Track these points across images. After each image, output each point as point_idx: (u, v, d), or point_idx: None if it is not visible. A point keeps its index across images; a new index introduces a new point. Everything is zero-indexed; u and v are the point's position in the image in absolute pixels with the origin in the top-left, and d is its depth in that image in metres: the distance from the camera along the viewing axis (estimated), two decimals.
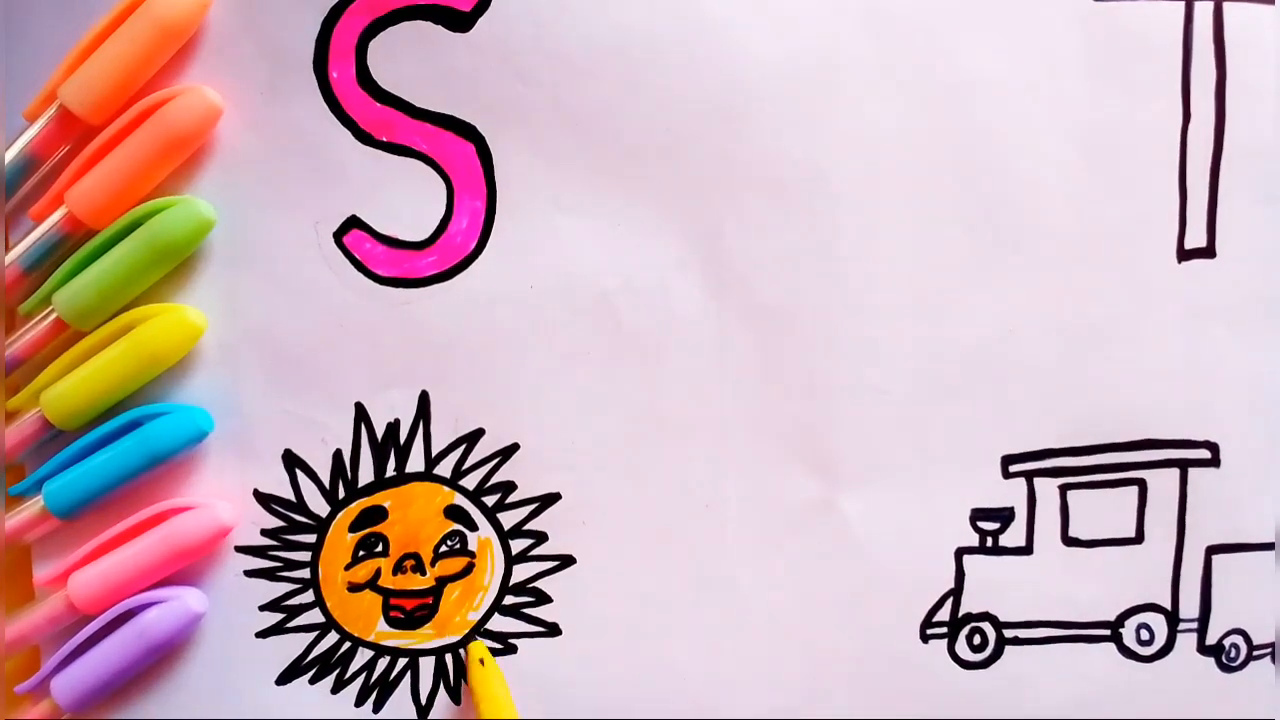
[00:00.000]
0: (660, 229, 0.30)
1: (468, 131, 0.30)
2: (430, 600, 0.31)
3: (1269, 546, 0.32)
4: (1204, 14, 0.30)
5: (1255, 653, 0.32)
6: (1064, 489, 0.32)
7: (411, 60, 0.29)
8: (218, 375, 0.30)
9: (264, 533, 0.30)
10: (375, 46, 0.29)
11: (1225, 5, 0.30)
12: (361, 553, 0.31)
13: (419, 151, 0.30)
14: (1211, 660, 0.33)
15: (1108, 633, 0.32)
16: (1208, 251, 0.31)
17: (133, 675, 0.30)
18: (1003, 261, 0.31)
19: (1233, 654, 0.33)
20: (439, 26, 0.29)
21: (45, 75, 0.29)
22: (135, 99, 0.29)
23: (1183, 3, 0.30)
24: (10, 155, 0.29)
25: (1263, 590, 0.32)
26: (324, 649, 0.31)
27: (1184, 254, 0.31)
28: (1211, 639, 0.32)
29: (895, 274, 0.31)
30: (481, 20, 0.29)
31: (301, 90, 0.29)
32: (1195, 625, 0.32)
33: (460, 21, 0.29)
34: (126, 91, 0.29)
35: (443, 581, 0.31)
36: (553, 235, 0.30)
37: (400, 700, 0.31)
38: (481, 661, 0.31)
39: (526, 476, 0.31)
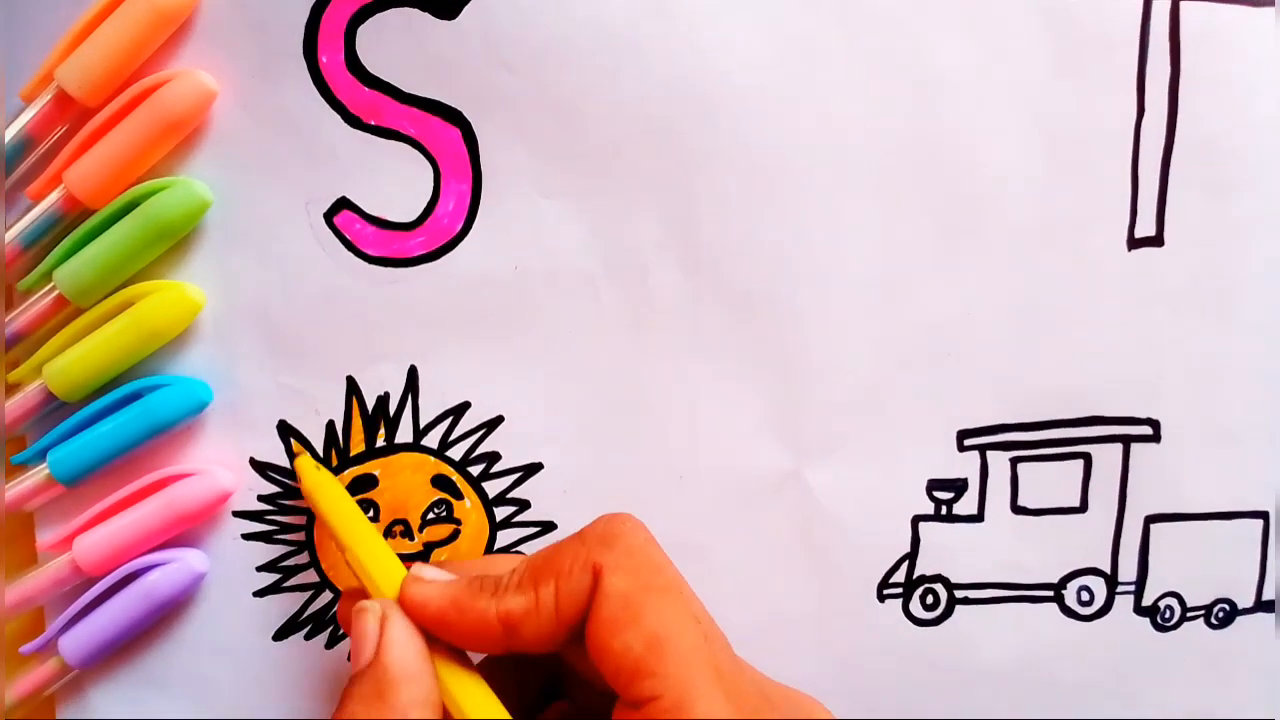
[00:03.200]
0: (639, 214, 0.30)
1: (454, 116, 0.30)
2: None
3: (1204, 516, 0.33)
4: (1161, 11, 0.31)
5: (1188, 614, 0.34)
6: (1014, 461, 0.33)
7: (399, 46, 0.29)
8: (214, 349, 0.30)
9: (261, 498, 0.31)
10: (364, 32, 0.29)
11: (1182, 3, 0.31)
12: None
13: (406, 135, 0.30)
14: (1147, 620, 0.34)
15: (1051, 594, 0.33)
16: (1156, 240, 0.32)
17: (137, 632, 0.31)
18: (962, 247, 0.31)
19: (1167, 615, 0.34)
20: (425, 14, 0.29)
21: (42, 57, 0.29)
22: (130, 81, 0.29)
23: (1140, 0, 0.31)
24: (7, 136, 0.29)
25: (1196, 556, 0.34)
26: (318, 607, 0.32)
27: (1134, 242, 0.32)
28: (1147, 601, 0.34)
29: (861, 259, 0.31)
30: (467, 8, 0.29)
31: (292, 74, 0.29)
32: (1133, 588, 0.34)
33: (446, 9, 0.29)
34: (122, 74, 0.28)
35: (430, 546, 0.32)
36: (536, 218, 0.31)
37: None
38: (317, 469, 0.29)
39: (510, 447, 0.31)
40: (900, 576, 0.33)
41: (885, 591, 0.33)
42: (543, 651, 0.24)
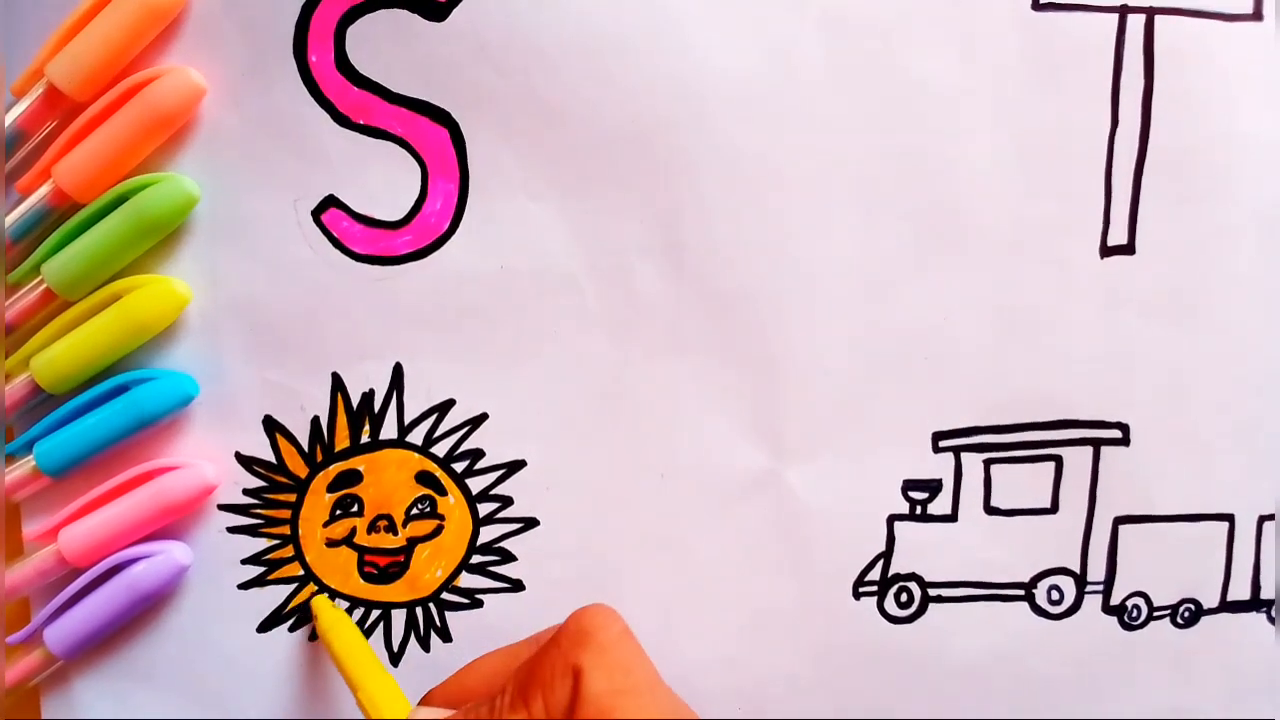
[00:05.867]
0: (624, 215, 0.30)
1: (442, 117, 0.29)
2: (402, 558, 0.31)
3: (1171, 518, 0.33)
4: (1136, 25, 0.31)
5: (1155, 613, 0.34)
6: (988, 463, 0.33)
7: (388, 47, 0.29)
8: (201, 344, 0.30)
9: (246, 492, 0.31)
10: (353, 33, 0.29)
11: (1156, 18, 0.31)
12: (339, 512, 0.31)
13: (395, 135, 0.29)
14: (1114, 619, 0.34)
15: (1022, 593, 0.34)
16: (1128, 249, 0.32)
17: (122, 624, 0.30)
18: (940, 253, 0.31)
19: (1134, 614, 0.34)
20: (415, 15, 0.29)
21: (33, 52, 0.28)
22: (120, 77, 0.28)
23: (1116, 14, 0.31)
24: None
25: (1163, 557, 0.34)
26: (303, 600, 0.31)
27: (1106, 250, 0.32)
28: (1115, 600, 0.34)
29: (841, 262, 0.31)
30: (456, 11, 0.29)
31: (281, 73, 0.29)
32: (1101, 587, 0.34)
33: (436, 11, 0.29)
34: (112, 70, 0.28)
35: (413, 541, 0.31)
36: (522, 218, 0.30)
37: (374, 648, 0.32)
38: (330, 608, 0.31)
39: (494, 444, 0.31)
40: (875, 574, 0.33)
41: (861, 589, 0.33)
42: None
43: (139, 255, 0.29)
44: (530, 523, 0.32)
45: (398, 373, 0.31)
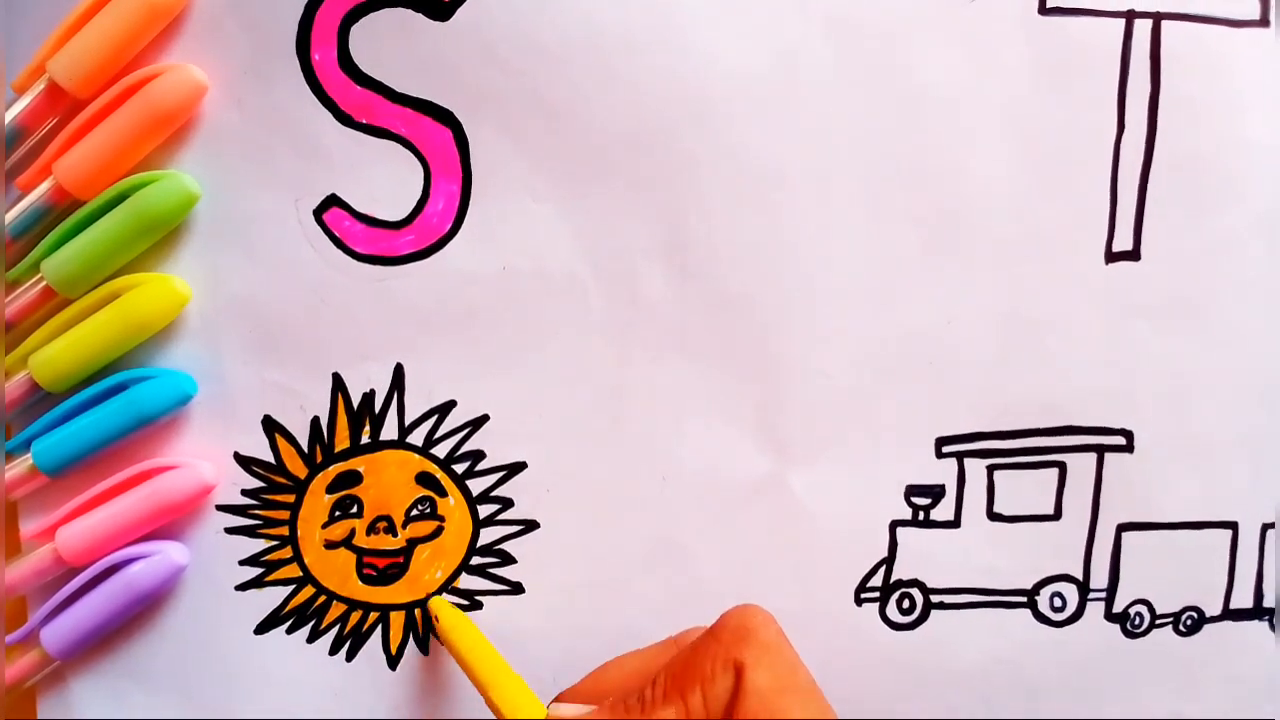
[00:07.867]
0: (628, 217, 0.30)
1: (445, 117, 0.29)
2: (401, 560, 0.31)
3: (1175, 525, 0.33)
4: (1143, 30, 0.30)
5: (1157, 621, 0.33)
6: (991, 469, 0.32)
7: (392, 46, 0.28)
8: (200, 343, 0.29)
9: (244, 493, 0.30)
10: (357, 31, 0.28)
11: (1163, 23, 0.30)
12: (338, 513, 0.31)
13: (397, 134, 0.29)
14: (1117, 627, 0.33)
15: (1024, 599, 0.33)
16: (1133, 255, 0.32)
17: (118, 624, 0.30)
18: (944, 257, 0.31)
19: (1137, 621, 0.34)
20: (419, 15, 0.28)
21: (34, 49, 0.28)
22: (122, 74, 0.28)
23: (1123, 19, 0.30)
24: None
25: (1166, 564, 0.33)
26: (301, 601, 0.31)
27: (1111, 256, 0.32)
28: (1118, 607, 0.33)
29: (845, 266, 0.31)
30: (461, 10, 0.28)
31: (284, 71, 0.28)
32: (1104, 595, 0.33)
33: (440, 10, 0.28)
34: (113, 67, 0.28)
35: (413, 543, 0.31)
36: (525, 219, 0.30)
37: (372, 650, 0.31)
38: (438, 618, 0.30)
39: (495, 446, 0.31)
40: (878, 580, 0.33)
41: (863, 595, 0.33)
42: None
43: (139, 253, 0.29)
44: (530, 525, 0.31)
45: (399, 373, 0.30)
